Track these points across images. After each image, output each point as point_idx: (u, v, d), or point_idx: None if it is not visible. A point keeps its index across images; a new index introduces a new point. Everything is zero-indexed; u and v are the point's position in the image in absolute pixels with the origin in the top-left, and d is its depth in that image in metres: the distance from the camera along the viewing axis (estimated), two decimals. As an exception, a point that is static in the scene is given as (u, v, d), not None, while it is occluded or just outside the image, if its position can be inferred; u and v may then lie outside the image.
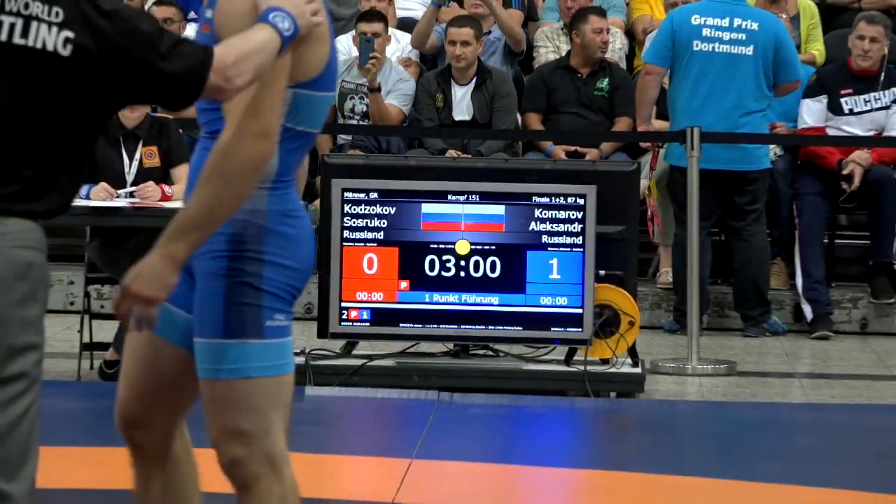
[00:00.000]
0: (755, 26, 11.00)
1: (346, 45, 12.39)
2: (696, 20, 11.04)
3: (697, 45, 10.97)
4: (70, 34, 4.14)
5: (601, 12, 12.30)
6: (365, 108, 12.02)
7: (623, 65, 12.65)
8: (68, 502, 6.64)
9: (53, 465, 4.99)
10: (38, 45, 4.15)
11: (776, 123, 11.46)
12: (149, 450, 4.72)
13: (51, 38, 4.13)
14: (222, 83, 4.25)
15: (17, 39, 4.13)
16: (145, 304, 4.38)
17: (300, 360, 9.23)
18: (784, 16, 12.04)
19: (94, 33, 4.17)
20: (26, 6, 4.14)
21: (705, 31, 10.99)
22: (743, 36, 10.97)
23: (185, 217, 4.43)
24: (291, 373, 4.56)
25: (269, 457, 4.59)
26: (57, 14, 4.15)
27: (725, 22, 11.00)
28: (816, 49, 12.54)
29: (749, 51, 10.94)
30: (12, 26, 4.13)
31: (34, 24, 4.13)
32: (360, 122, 12.02)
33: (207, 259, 4.50)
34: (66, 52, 4.14)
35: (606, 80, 12.02)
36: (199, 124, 4.68)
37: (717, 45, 10.97)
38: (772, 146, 11.31)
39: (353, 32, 12.34)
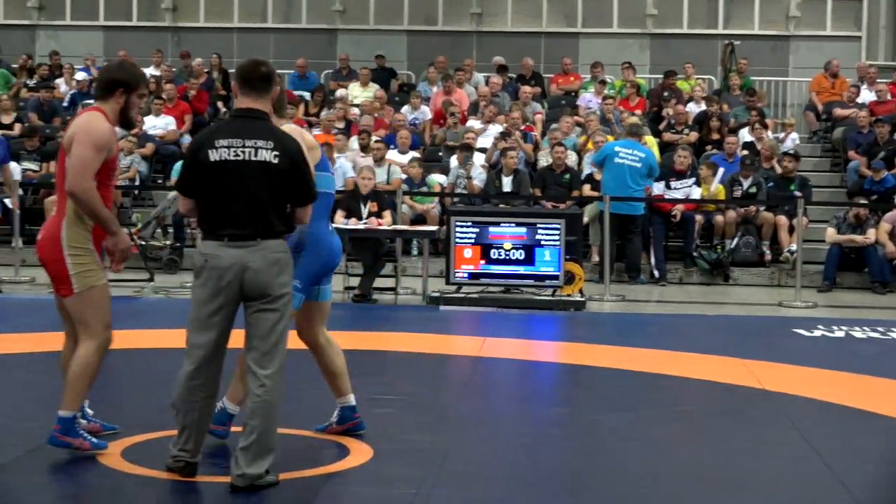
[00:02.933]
0: (643, 154, 10.81)
1: (455, 162, 12.09)
2: (617, 149, 10.84)
3: (616, 160, 10.74)
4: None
5: (563, 145, 12.05)
6: (464, 186, 11.85)
7: (575, 167, 12.27)
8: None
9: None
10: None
11: (649, 188, 11.15)
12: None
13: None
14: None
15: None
16: None
17: (437, 294, 9.29)
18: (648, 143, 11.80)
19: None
20: None
21: (620, 153, 10.78)
22: (637, 157, 10.74)
23: None
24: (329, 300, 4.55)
25: (323, 333, 4.58)
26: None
27: (630, 150, 10.80)
28: (659, 160, 12.12)
29: (639, 164, 10.72)
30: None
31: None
32: (463, 192, 11.80)
33: None
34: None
35: (568, 174, 11.82)
36: None
37: (625, 160, 10.75)
38: (643, 203, 11.06)
39: (456, 154, 12.13)
